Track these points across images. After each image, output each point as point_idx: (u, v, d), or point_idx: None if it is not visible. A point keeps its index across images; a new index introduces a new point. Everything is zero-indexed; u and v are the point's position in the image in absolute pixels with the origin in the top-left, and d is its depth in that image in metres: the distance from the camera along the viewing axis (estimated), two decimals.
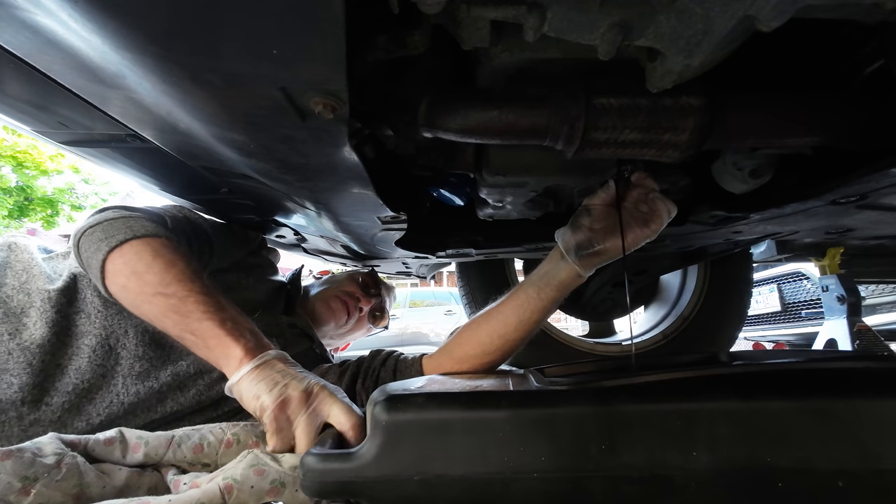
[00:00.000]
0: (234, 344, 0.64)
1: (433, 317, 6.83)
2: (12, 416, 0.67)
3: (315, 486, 0.47)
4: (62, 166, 8.95)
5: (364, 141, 0.59)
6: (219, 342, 0.65)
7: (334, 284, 1.20)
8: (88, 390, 0.72)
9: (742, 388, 0.48)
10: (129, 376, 0.75)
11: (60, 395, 0.70)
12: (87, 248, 0.70)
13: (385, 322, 1.31)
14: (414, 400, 0.50)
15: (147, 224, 0.72)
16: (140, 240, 0.70)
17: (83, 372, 0.72)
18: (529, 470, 0.45)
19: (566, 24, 0.39)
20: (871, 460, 0.43)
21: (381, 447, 0.47)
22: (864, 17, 0.37)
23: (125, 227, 0.71)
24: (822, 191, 0.66)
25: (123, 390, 0.74)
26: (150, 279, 0.67)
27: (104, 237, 0.69)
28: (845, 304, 1.72)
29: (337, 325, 1.14)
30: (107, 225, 0.71)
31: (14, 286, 0.75)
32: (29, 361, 0.69)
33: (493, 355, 0.85)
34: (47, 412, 0.69)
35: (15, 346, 0.69)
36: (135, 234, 0.70)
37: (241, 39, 0.35)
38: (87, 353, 0.73)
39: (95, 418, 0.72)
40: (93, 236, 0.70)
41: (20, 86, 0.51)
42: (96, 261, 0.68)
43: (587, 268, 0.78)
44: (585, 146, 0.53)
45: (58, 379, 0.71)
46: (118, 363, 0.75)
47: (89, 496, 0.50)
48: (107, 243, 0.69)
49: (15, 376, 0.68)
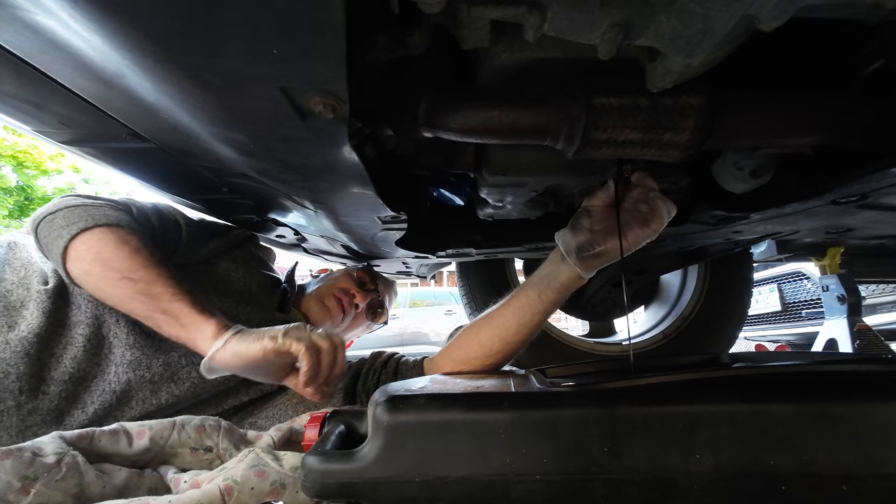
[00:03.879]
0: (208, 320, 0.68)
1: (433, 316, 6.82)
2: (11, 405, 0.69)
3: (316, 486, 0.47)
4: (62, 166, 8.95)
5: (364, 141, 0.59)
6: (191, 319, 0.68)
7: (329, 282, 1.19)
8: (83, 378, 0.74)
9: (745, 390, 0.48)
10: (120, 365, 0.77)
11: (57, 384, 0.72)
12: (47, 234, 0.72)
13: (385, 318, 1.29)
14: (415, 401, 0.49)
15: (109, 213, 0.74)
16: (102, 228, 0.72)
17: (78, 360, 0.74)
18: (531, 472, 0.45)
19: (566, 24, 0.39)
20: (875, 464, 0.43)
21: (383, 448, 0.47)
22: (864, 17, 0.37)
23: (86, 214, 0.73)
24: (823, 190, 0.65)
25: (115, 378, 0.76)
26: (115, 265, 0.70)
27: (65, 224, 0.72)
28: (845, 304, 1.71)
29: (333, 323, 1.13)
30: (67, 212, 0.73)
31: (13, 281, 0.78)
32: (27, 351, 0.71)
33: (494, 357, 0.85)
34: (44, 401, 0.71)
35: (13, 337, 0.71)
36: (96, 223, 0.72)
37: (241, 39, 0.35)
38: (82, 343, 0.75)
39: (90, 406, 0.74)
40: (53, 223, 0.72)
41: (20, 85, 0.51)
42: (57, 246, 0.71)
43: (588, 269, 0.77)
44: (586, 146, 0.53)
45: (53, 368, 0.73)
46: (111, 352, 0.77)
47: (89, 496, 0.50)
48: (68, 230, 0.71)
49: (12, 366, 0.70)
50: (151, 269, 0.71)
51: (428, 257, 1.21)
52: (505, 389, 0.55)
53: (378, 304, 1.25)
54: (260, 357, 0.65)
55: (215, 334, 0.67)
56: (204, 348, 0.67)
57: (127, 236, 0.73)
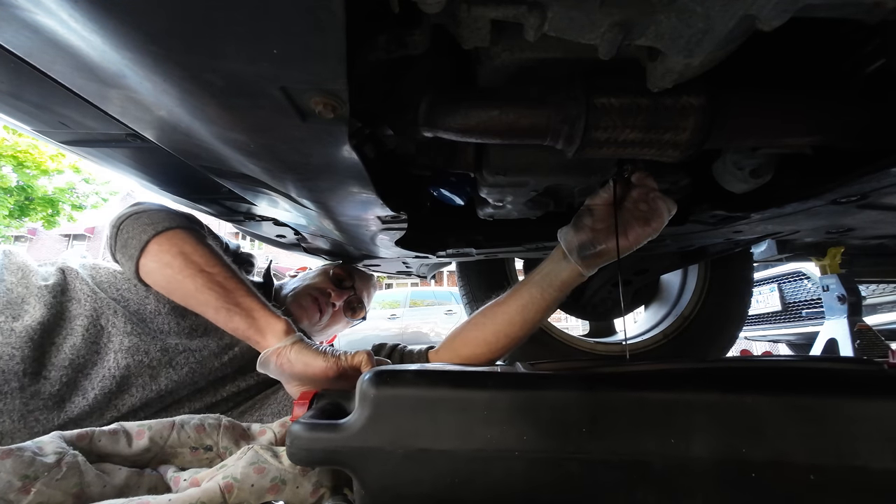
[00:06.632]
0: (279, 319, 0.78)
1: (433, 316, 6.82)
2: (14, 386, 0.71)
3: (301, 453, 0.48)
4: (63, 166, 8.95)
5: (364, 140, 0.59)
6: (263, 314, 0.78)
7: (306, 282, 1.19)
8: (83, 365, 0.78)
9: (721, 381, 0.49)
10: (119, 351, 0.80)
11: (58, 370, 0.75)
12: (132, 229, 0.82)
13: (363, 314, 1.30)
14: (402, 376, 0.51)
15: (185, 221, 0.87)
16: (183, 229, 0.84)
17: (78, 348, 0.77)
18: (511, 448, 0.47)
19: (567, 24, 0.39)
20: (843, 457, 0.44)
21: (368, 419, 0.48)
22: (864, 17, 0.37)
23: (169, 217, 0.85)
24: (823, 190, 0.66)
25: (114, 364, 0.79)
26: (195, 259, 0.80)
27: (150, 222, 0.83)
28: (846, 304, 1.71)
29: (311, 323, 1.13)
30: (152, 213, 0.85)
31: (13, 281, 0.81)
32: (30, 336, 0.74)
33: (498, 353, 0.89)
34: (46, 385, 0.74)
35: (17, 326, 0.75)
36: (178, 225, 0.84)
37: (241, 39, 0.35)
38: (81, 332, 0.79)
39: (90, 392, 0.76)
40: (139, 220, 0.83)
41: (20, 85, 0.51)
42: (138, 241, 0.81)
43: (589, 268, 0.78)
44: (586, 146, 0.53)
45: (54, 355, 0.76)
46: (110, 340, 0.80)
47: (89, 495, 0.50)
48: (153, 227, 0.82)
49: (17, 349, 0.73)
50: (226, 268, 0.82)
51: (428, 257, 1.21)
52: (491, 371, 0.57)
53: (356, 300, 1.25)
54: (322, 372, 0.73)
55: (285, 332, 0.76)
56: (268, 343, 0.76)
57: (203, 240, 0.85)
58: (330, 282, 1.20)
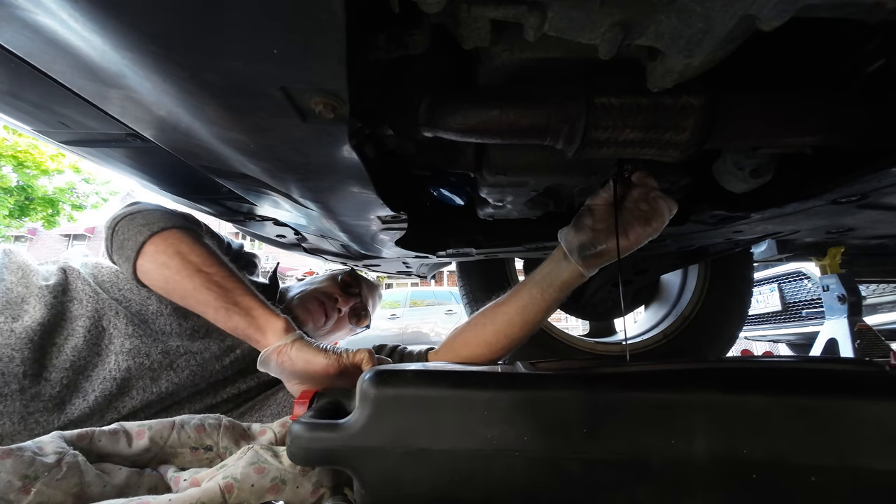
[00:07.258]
0: (278, 317, 0.77)
1: (433, 316, 6.83)
2: (15, 388, 0.71)
3: (301, 452, 0.48)
4: (63, 166, 8.95)
5: (364, 140, 0.59)
6: (262, 313, 0.77)
7: (314, 286, 1.19)
8: (84, 367, 0.77)
9: (722, 381, 0.49)
10: (120, 353, 0.79)
11: (58, 372, 0.74)
12: (127, 229, 0.82)
13: (367, 321, 1.29)
14: (402, 375, 0.51)
15: (181, 220, 0.86)
16: (180, 229, 0.83)
17: (79, 350, 0.77)
18: (511, 448, 0.47)
19: (567, 24, 0.39)
20: (845, 458, 0.44)
21: (369, 419, 0.48)
22: (865, 17, 0.37)
23: (165, 217, 0.84)
24: (823, 190, 0.66)
25: (115, 366, 0.78)
26: (193, 259, 0.79)
27: (146, 223, 0.82)
28: (846, 304, 1.71)
29: (315, 327, 1.13)
30: (147, 214, 0.84)
31: (13, 280, 0.80)
32: (30, 338, 0.73)
33: (498, 353, 0.89)
34: (46, 387, 0.73)
35: (17, 327, 0.74)
36: (174, 225, 0.83)
37: (241, 39, 0.35)
38: (82, 334, 0.78)
39: (91, 394, 0.76)
40: (134, 221, 0.82)
41: (20, 85, 0.51)
42: (135, 241, 0.80)
43: (590, 268, 0.78)
44: (586, 145, 0.53)
45: (55, 356, 0.75)
46: (111, 342, 0.80)
47: (89, 495, 0.50)
48: (149, 228, 0.81)
49: (17, 350, 0.72)
50: (224, 267, 0.81)
51: (428, 257, 1.21)
52: (491, 370, 0.57)
53: (361, 307, 1.25)
54: (323, 370, 0.72)
55: (285, 329, 0.76)
56: (268, 341, 0.75)
57: (200, 239, 0.84)
58: (338, 287, 1.20)
